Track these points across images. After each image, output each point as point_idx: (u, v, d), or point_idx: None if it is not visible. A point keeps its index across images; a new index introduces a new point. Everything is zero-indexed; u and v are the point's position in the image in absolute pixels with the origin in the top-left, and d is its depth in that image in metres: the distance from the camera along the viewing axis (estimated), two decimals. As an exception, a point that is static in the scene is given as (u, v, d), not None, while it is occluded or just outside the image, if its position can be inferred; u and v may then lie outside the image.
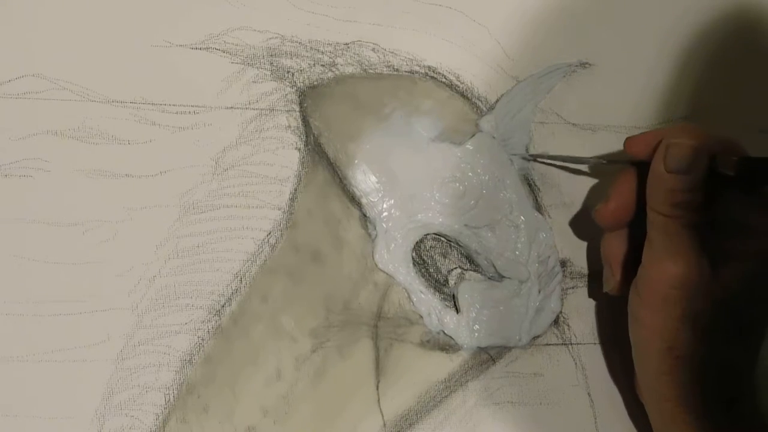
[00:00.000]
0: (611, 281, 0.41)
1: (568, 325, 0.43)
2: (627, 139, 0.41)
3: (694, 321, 0.36)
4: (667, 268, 0.36)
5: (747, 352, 0.37)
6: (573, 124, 0.44)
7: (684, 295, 0.36)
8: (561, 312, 0.42)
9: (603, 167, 0.43)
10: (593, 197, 0.44)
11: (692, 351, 0.36)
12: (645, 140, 0.40)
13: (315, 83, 0.42)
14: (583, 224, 0.44)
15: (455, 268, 0.42)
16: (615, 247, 0.40)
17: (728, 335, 0.37)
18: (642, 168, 0.39)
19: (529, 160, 0.43)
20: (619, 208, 0.40)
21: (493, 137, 0.43)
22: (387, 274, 0.41)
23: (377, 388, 0.40)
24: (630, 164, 0.40)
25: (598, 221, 0.40)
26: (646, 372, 0.38)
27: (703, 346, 0.36)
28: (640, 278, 0.38)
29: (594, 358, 0.43)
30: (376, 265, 0.41)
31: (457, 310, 0.41)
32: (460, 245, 0.42)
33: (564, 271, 0.43)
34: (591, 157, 0.43)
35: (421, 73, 0.43)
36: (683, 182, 0.36)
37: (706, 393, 0.36)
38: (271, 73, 0.42)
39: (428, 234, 0.42)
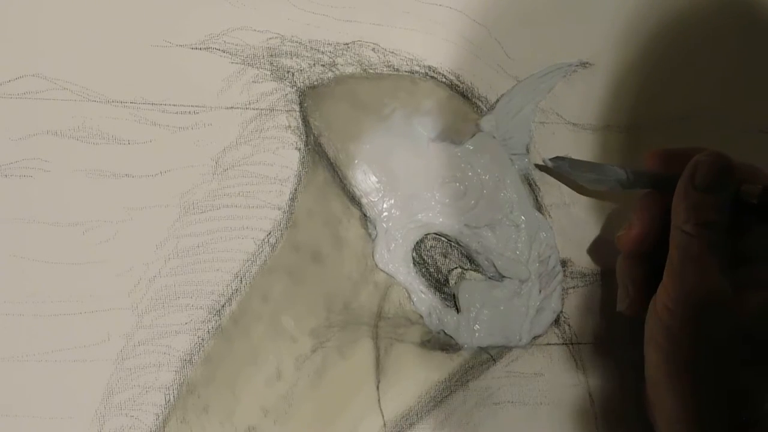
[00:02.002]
0: (626, 301, 0.40)
1: (569, 325, 0.43)
2: (647, 153, 0.41)
3: (711, 344, 0.36)
4: (687, 289, 0.36)
5: (762, 378, 0.37)
6: (573, 123, 0.44)
7: (703, 317, 0.36)
8: (562, 312, 0.42)
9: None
10: (594, 197, 0.44)
11: (708, 374, 0.36)
12: (666, 155, 0.40)
13: (315, 83, 0.42)
14: (583, 224, 0.43)
15: (455, 267, 0.42)
16: (632, 267, 0.40)
17: (744, 360, 0.36)
18: (662, 191, 0.39)
19: (548, 166, 0.43)
20: (641, 235, 0.39)
21: (494, 137, 0.43)
22: (387, 274, 0.41)
23: (377, 388, 0.40)
24: (648, 188, 0.40)
25: (620, 248, 0.40)
26: (659, 392, 0.37)
27: (719, 369, 0.36)
28: (659, 298, 0.37)
29: (595, 357, 0.43)
30: (377, 265, 0.41)
31: (458, 310, 0.41)
32: (460, 245, 0.42)
33: (565, 270, 0.43)
34: (611, 166, 0.42)
35: (421, 73, 0.43)
36: (710, 201, 0.36)
37: (720, 417, 0.36)
38: (271, 73, 0.42)
39: (428, 234, 0.42)
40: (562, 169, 0.43)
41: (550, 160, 0.43)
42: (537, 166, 0.43)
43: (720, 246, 0.36)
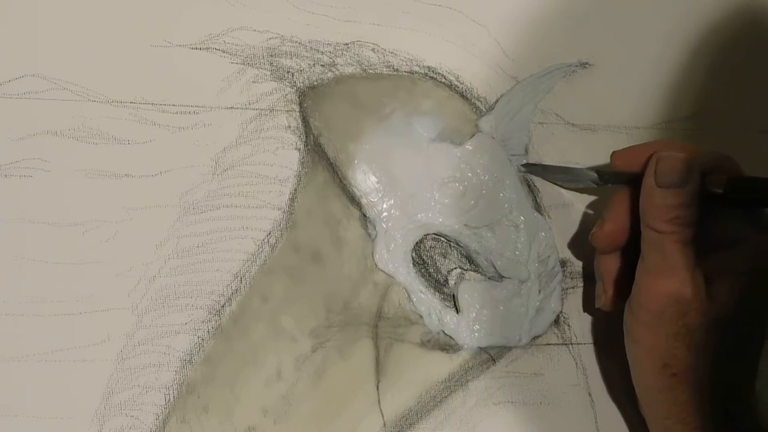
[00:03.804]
0: (603, 297, 0.40)
1: (569, 325, 0.43)
2: (613, 153, 0.41)
3: (689, 338, 0.36)
4: (660, 286, 0.36)
5: (743, 367, 0.37)
6: (573, 124, 0.44)
7: (678, 312, 0.36)
8: (561, 312, 0.42)
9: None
10: (593, 196, 0.44)
11: (688, 368, 0.36)
12: (631, 154, 0.40)
13: (315, 83, 0.42)
14: (583, 224, 0.44)
15: (455, 268, 0.42)
16: (608, 263, 0.40)
17: (724, 351, 0.36)
18: (635, 187, 0.39)
19: (523, 172, 0.43)
20: (614, 231, 0.39)
21: (493, 137, 0.43)
22: (387, 274, 0.41)
23: (377, 388, 0.40)
24: (622, 184, 0.40)
25: (594, 244, 0.40)
26: (644, 389, 0.38)
27: (699, 362, 0.36)
28: (634, 296, 0.37)
29: (594, 357, 0.43)
30: (376, 265, 0.41)
31: (457, 310, 0.41)
32: (459, 245, 0.42)
33: (564, 270, 0.43)
34: (583, 169, 0.42)
35: (421, 73, 0.43)
36: (675, 197, 0.36)
37: (705, 409, 0.36)
38: (271, 73, 0.42)
39: (428, 234, 0.42)
40: (536, 174, 0.43)
41: (523, 166, 0.43)
42: (522, 166, 0.43)
43: (689, 240, 0.36)
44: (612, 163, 0.41)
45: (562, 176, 0.43)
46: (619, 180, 0.40)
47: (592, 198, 0.44)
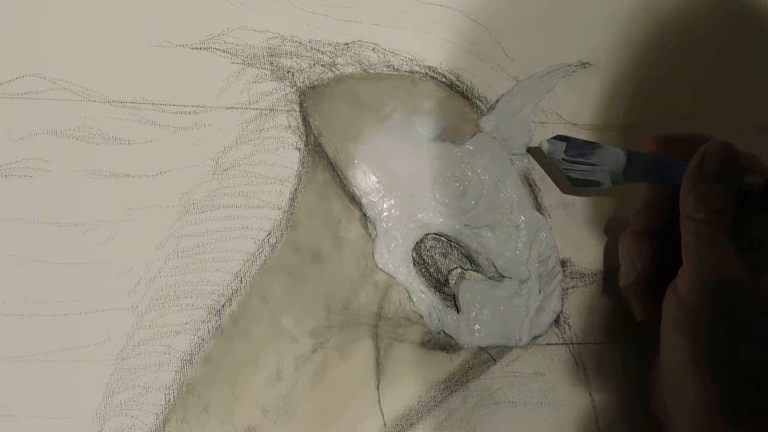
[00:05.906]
0: (633, 275, 0.40)
1: (569, 325, 0.43)
2: (650, 138, 0.41)
3: (731, 327, 0.36)
4: (707, 271, 0.36)
5: None
6: (573, 123, 0.44)
7: (725, 297, 0.36)
8: (562, 312, 0.42)
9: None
10: (594, 197, 0.44)
11: (726, 357, 0.36)
12: (668, 140, 0.40)
13: (315, 83, 0.42)
14: (583, 224, 0.44)
15: (455, 267, 0.42)
16: (639, 242, 0.41)
17: (760, 342, 0.36)
18: (659, 181, 0.39)
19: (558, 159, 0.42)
20: (657, 213, 0.40)
21: (494, 137, 0.43)
22: (387, 274, 0.41)
23: (377, 388, 0.40)
24: (643, 182, 0.40)
25: (636, 226, 0.41)
26: (676, 376, 0.38)
27: (736, 352, 0.36)
28: (680, 282, 0.37)
29: (595, 357, 0.43)
30: (377, 265, 0.41)
31: (458, 310, 0.41)
32: (460, 245, 0.42)
33: (564, 270, 0.43)
34: (611, 147, 0.42)
35: (421, 73, 0.43)
36: (719, 190, 0.37)
37: (734, 401, 0.36)
38: (271, 73, 0.42)
39: (428, 234, 0.42)
40: (555, 156, 0.42)
41: (547, 141, 0.42)
42: (530, 153, 0.43)
43: (731, 232, 0.37)
44: (646, 147, 0.41)
45: (585, 158, 0.42)
46: (640, 169, 0.40)
47: (593, 199, 0.44)
